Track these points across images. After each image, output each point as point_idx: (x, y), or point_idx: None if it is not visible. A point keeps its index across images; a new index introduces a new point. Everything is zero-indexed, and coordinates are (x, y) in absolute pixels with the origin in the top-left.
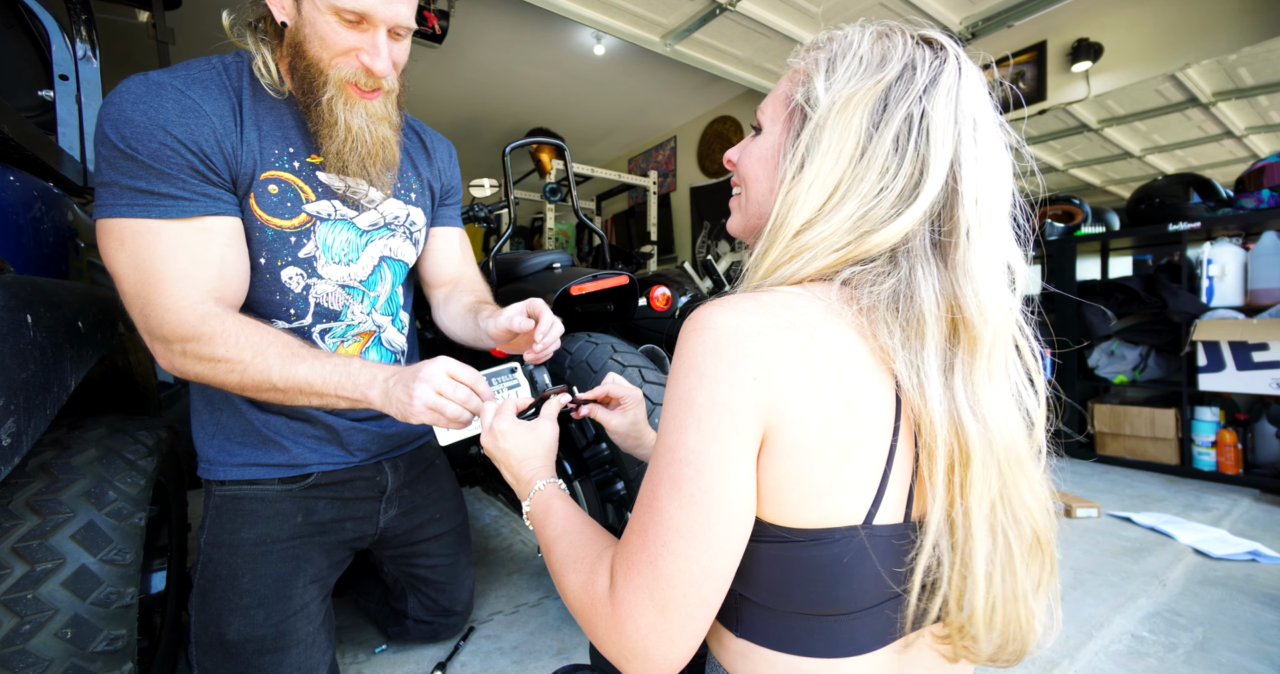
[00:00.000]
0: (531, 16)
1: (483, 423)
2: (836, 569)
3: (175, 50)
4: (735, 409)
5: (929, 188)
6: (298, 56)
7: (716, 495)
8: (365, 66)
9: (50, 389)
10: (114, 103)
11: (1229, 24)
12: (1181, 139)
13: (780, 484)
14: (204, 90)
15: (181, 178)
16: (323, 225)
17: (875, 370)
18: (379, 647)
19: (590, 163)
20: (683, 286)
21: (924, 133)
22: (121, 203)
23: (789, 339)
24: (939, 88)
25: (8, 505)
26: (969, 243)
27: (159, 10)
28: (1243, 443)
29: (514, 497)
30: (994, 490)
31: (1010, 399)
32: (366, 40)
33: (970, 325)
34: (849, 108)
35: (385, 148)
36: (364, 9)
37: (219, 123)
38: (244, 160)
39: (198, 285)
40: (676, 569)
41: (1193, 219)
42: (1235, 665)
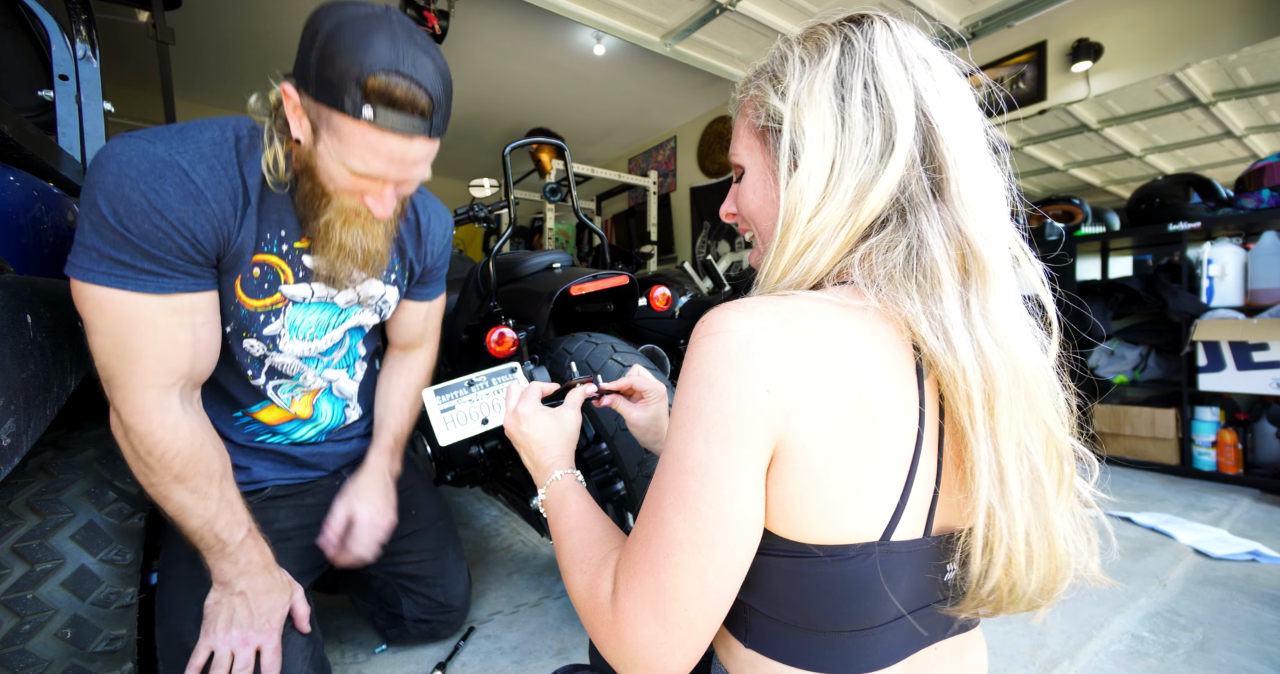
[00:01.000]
0: (531, 16)
1: (507, 405)
2: (851, 587)
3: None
4: (746, 422)
5: (903, 132)
6: (305, 174)
7: (722, 510)
8: (368, 207)
9: (50, 389)
10: (111, 173)
11: (1229, 24)
12: (1181, 139)
13: (793, 500)
14: (209, 171)
15: (168, 258)
16: (295, 307)
17: (899, 378)
18: (379, 647)
19: (590, 163)
20: (683, 286)
21: (882, 87)
22: (100, 270)
23: (807, 347)
24: (878, 46)
25: (8, 505)
26: (959, 171)
27: (159, 10)
28: (1243, 443)
29: (514, 496)
30: (1021, 416)
31: (1024, 322)
32: (374, 189)
33: (978, 256)
34: (813, 96)
35: (376, 258)
36: (375, 174)
37: (218, 209)
38: (237, 244)
39: (169, 369)
40: (679, 583)
41: (1193, 219)
42: (1235, 665)
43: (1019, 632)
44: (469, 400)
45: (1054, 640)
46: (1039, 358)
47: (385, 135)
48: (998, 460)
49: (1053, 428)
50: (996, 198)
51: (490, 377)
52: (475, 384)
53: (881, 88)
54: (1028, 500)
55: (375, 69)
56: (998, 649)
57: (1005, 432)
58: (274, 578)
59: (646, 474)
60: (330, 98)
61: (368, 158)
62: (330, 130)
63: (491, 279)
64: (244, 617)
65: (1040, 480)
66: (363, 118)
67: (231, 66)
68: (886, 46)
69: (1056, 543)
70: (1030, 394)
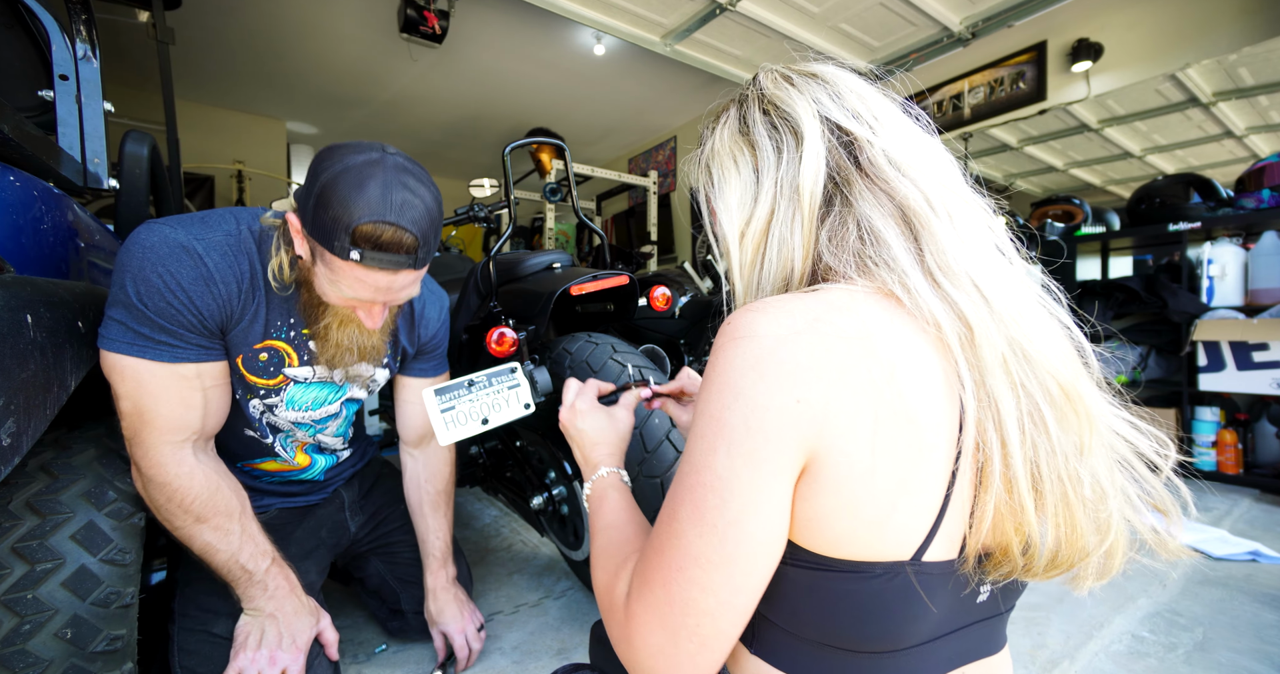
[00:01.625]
0: (531, 16)
1: (565, 399)
2: (873, 606)
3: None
4: (774, 435)
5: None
6: (306, 285)
7: (743, 528)
8: (360, 319)
9: (50, 389)
10: (136, 257)
11: (1229, 24)
12: (1181, 139)
13: (825, 515)
14: (222, 257)
15: (180, 332)
16: (296, 386)
17: (941, 380)
18: (379, 647)
19: (590, 163)
20: (683, 286)
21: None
22: (123, 341)
23: (842, 351)
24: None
25: (8, 505)
26: (874, 144)
27: (159, 10)
28: (1243, 443)
29: (514, 496)
30: (1001, 347)
31: (993, 254)
32: (365, 307)
33: (909, 208)
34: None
35: (374, 352)
36: (366, 300)
37: (225, 291)
38: (244, 328)
39: (181, 426)
40: (690, 598)
41: (1193, 219)
42: (1235, 665)
43: (1019, 632)
44: (469, 400)
45: (1054, 640)
46: (1013, 287)
47: (371, 271)
48: (990, 399)
49: (1048, 366)
50: (921, 157)
51: (490, 377)
52: (475, 384)
53: (779, 107)
54: (1028, 438)
55: (364, 219)
56: None
57: (990, 365)
58: (301, 602)
59: (648, 474)
60: (323, 239)
61: (356, 288)
62: (323, 260)
63: (491, 279)
64: (273, 636)
65: (1043, 419)
66: (350, 259)
67: (231, 66)
68: (773, 81)
69: (1067, 486)
70: (1009, 329)
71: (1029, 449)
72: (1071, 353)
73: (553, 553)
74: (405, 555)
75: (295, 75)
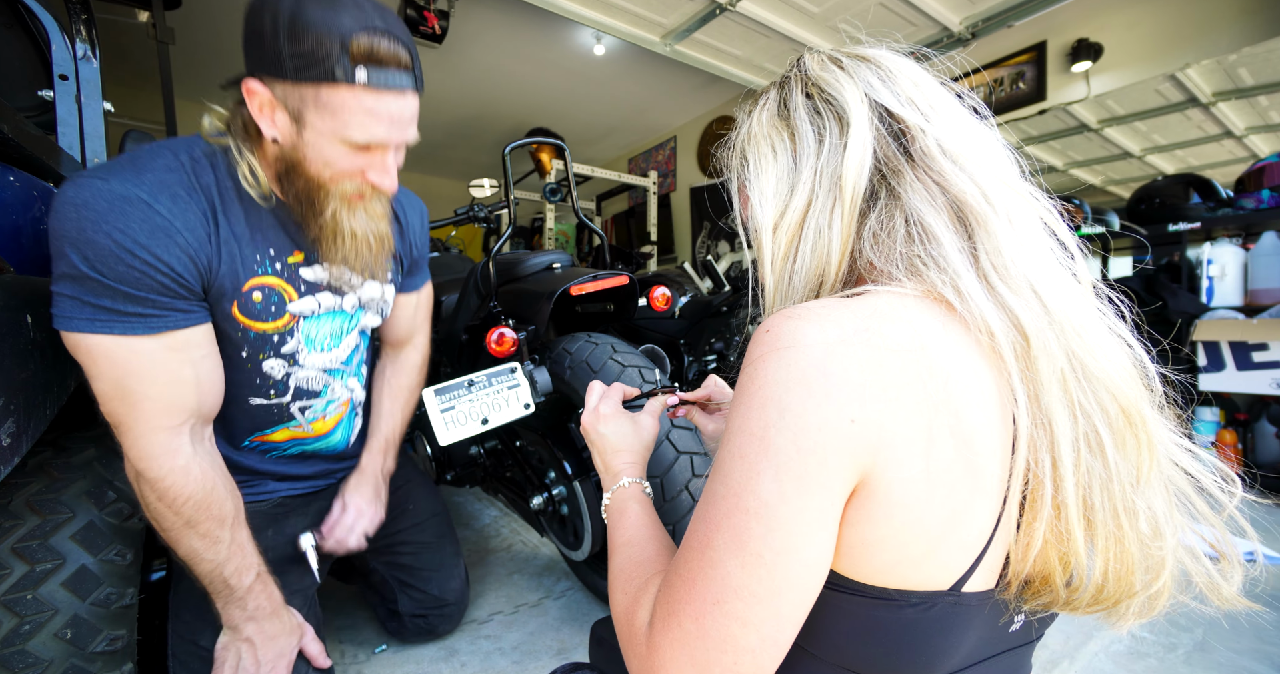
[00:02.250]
0: (531, 16)
1: (588, 402)
2: (906, 635)
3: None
4: (826, 458)
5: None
6: (293, 171)
7: (791, 559)
8: (373, 183)
9: (50, 389)
10: (71, 219)
11: (1229, 24)
12: (1181, 139)
13: (868, 544)
14: (173, 200)
15: (150, 297)
16: (307, 322)
17: (994, 396)
18: (379, 647)
19: (590, 163)
20: (683, 286)
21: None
22: (84, 317)
23: (895, 366)
24: (809, 67)
25: (8, 505)
26: (927, 133)
27: (159, 10)
28: (1243, 443)
29: (514, 496)
30: (1060, 362)
31: (1055, 266)
32: (375, 161)
33: (965, 204)
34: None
35: (386, 243)
36: (378, 140)
37: (191, 238)
38: (223, 273)
39: (175, 409)
40: (730, 634)
41: (1193, 219)
42: (1235, 665)
43: None
44: (469, 400)
45: (1054, 640)
46: (1076, 302)
47: (382, 95)
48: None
49: (1110, 383)
50: (978, 149)
51: (490, 377)
52: (475, 384)
53: (824, 90)
54: (1083, 463)
55: (355, 30)
56: None
57: (1047, 381)
58: (282, 622)
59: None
60: (316, 72)
61: (368, 124)
62: (320, 108)
63: (491, 279)
64: (249, 664)
65: (1101, 442)
66: (357, 82)
67: (231, 66)
68: (819, 63)
69: (1122, 518)
70: (1069, 342)
71: (1083, 474)
72: (1134, 372)
73: (553, 553)
74: (405, 558)
75: None
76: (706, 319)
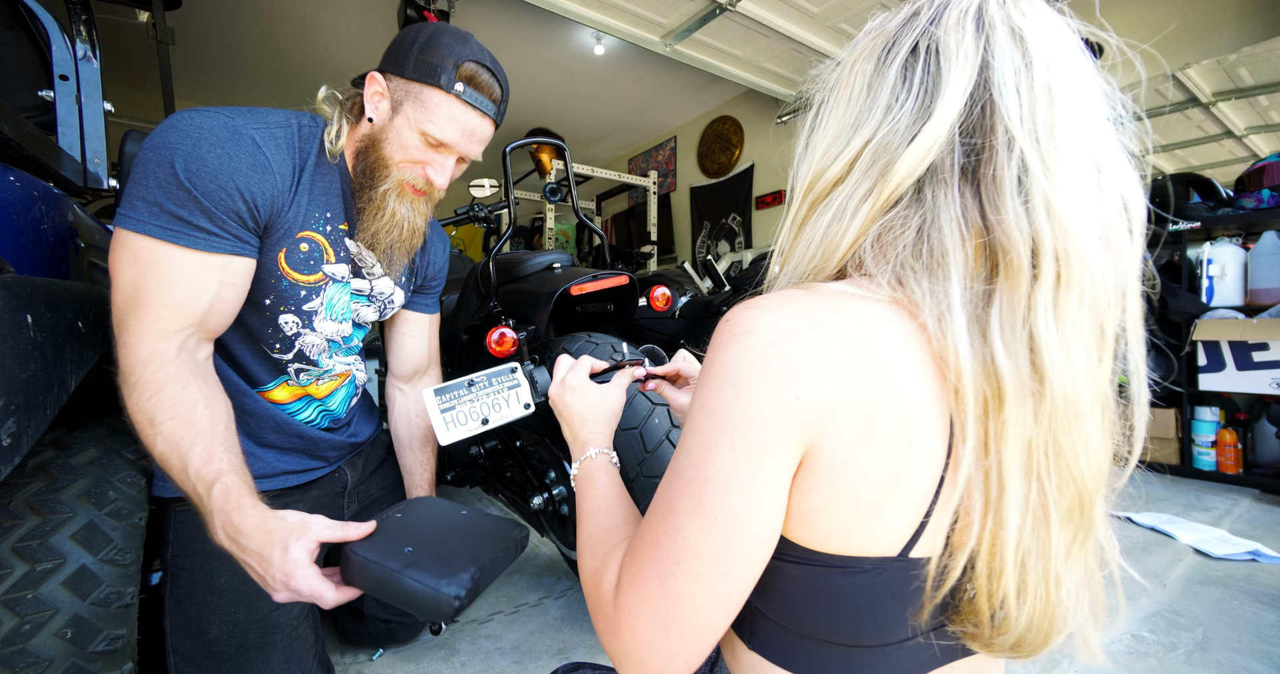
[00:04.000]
0: (531, 16)
1: (555, 374)
2: (862, 600)
3: (175, 50)
4: (774, 430)
5: (946, 104)
6: (371, 148)
7: (744, 521)
8: (428, 178)
9: (50, 389)
10: (190, 137)
11: (1229, 24)
12: (1181, 139)
13: (816, 509)
14: (277, 148)
15: (224, 220)
16: (334, 286)
17: (932, 383)
18: (376, 653)
19: (590, 163)
20: (683, 286)
21: (934, 53)
22: (156, 223)
23: (839, 349)
24: (951, 11)
25: (8, 505)
26: (1011, 155)
27: (159, 10)
28: (1243, 443)
29: (514, 496)
30: (1029, 435)
31: (1082, 341)
32: (438, 160)
33: (1006, 250)
34: (855, 64)
35: (415, 236)
36: (449, 141)
37: (280, 181)
38: (288, 218)
39: (182, 313)
40: (688, 590)
41: (1193, 219)
42: (1235, 665)
43: None
44: (469, 400)
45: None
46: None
47: (467, 109)
48: (997, 472)
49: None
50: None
51: (490, 377)
52: (475, 384)
53: (936, 51)
54: (1029, 528)
55: (469, 59)
56: None
57: (1011, 444)
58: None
59: (648, 474)
60: (427, 75)
61: (446, 125)
62: (416, 102)
63: (491, 279)
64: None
65: (1048, 515)
66: (453, 92)
67: (231, 66)
68: (965, 11)
69: (1049, 584)
70: (1056, 422)
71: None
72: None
73: (553, 553)
74: None
75: (295, 75)
76: (706, 319)
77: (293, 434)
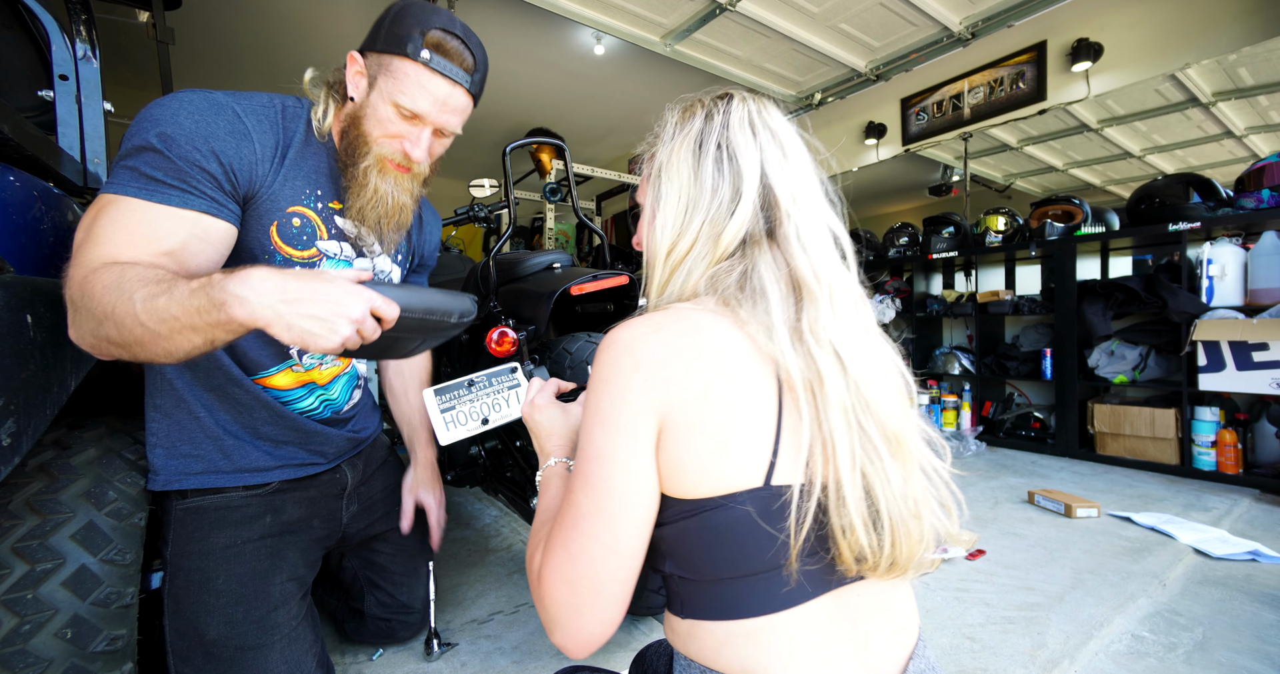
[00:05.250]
0: (531, 16)
1: (527, 395)
2: (747, 528)
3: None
4: (632, 409)
5: (748, 189)
6: (352, 126)
7: (614, 483)
8: (405, 152)
9: (50, 389)
10: (168, 107)
11: (1229, 24)
12: (1181, 139)
13: (679, 461)
14: (258, 122)
15: (198, 179)
16: (328, 262)
17: (756, 356)
18: (376, 652)
19: (590, 163)
20: None
21: (732, 152)
22: (133, 186)
23: (675, 341)
24: (733, 118)
25: (8, 505)
26: (791, 221)
27: (159, 10)
28: (1243, 443)
29: (514, 496)
30: (844, 400)
31: (864, 333)
32: (413, 133)
33: (803, 282)
34: (676, 155)
35: (401, 212)
36: (420, 111)
37: (261, 151)
38: (273, 190)
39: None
40: (584, 549)
41: (1193, 219)
42: (1235, 665)
43: (1019, 632)
44: (469, 400)
45: (1054, 640)
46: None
47: (435, 76)
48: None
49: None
50: (822, 242)
51: (490, 377)
52: (475, 384)
53: (732, 151)
54: (869, 465)
55: (435, 26)
56: (997, 649)
57: (835, 412)
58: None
59: None
60: (395, 46)
61: (416, 95)
62: (388, 74)
63: (491, 279)
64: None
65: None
66: (419, 59)
67: (231, 66)
68: (740, 120)
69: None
70: (862, 391)
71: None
72: (904, 406)
73: None
74: (381, 559)
75: (295, 75)
76: None
77: (288, 426)
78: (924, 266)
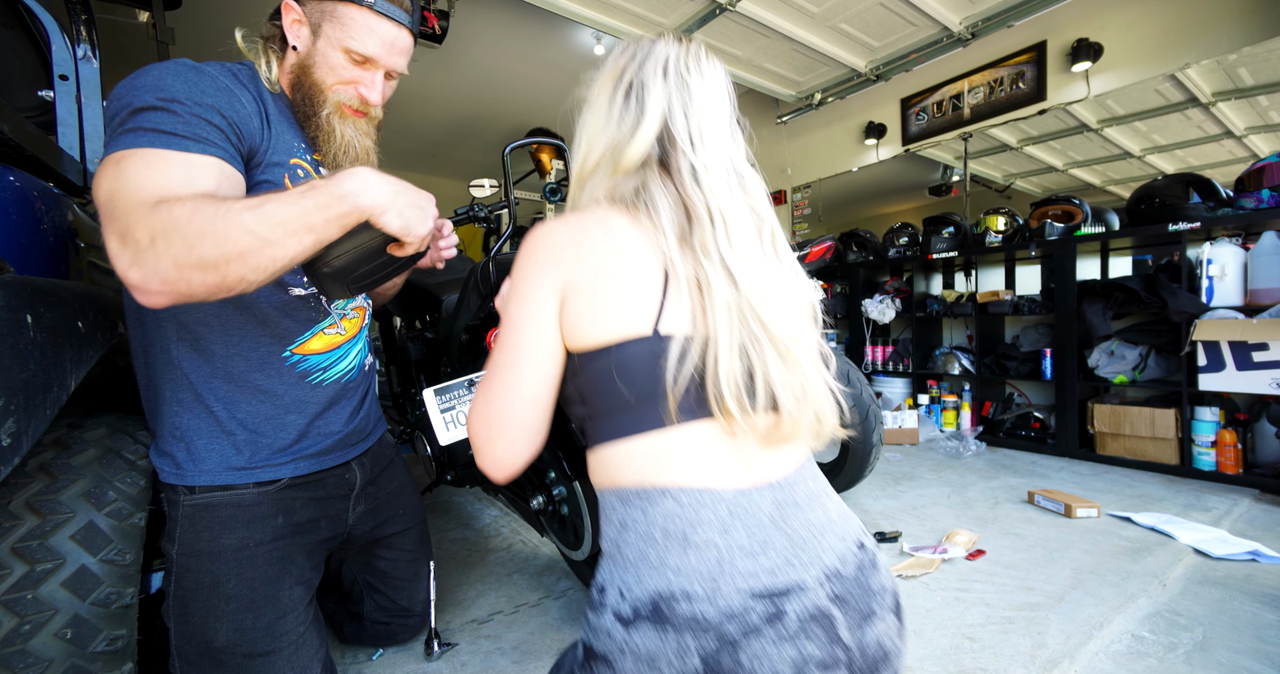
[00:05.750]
0: (531, 16)
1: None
2: (638, 363)
3: (175, 50)
4: (538, 283)
5: (647, 126)
6: (303, 75)
7: (521, 340)
8: (361, 96)
9: (50, 389)
10: (151, 74)
11: (1229, 24)
12: (1181, 139)
13: (579, 317)
14: (233, 82)
15: (209, 131)
16: None
17: (649, 247)
18: (376, 653)
19: None
20: None
21: (641, 91)
22: (145, 139)
23: (578, 227)
24: (650, 60)
25: (8, 505)
26: (684, 158)
27: (159, 10)
28: (1243, 443)
29: (514, 496)
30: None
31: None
32: (367, 77)
33: (692, 210)
34: (597, 85)
35: (369, 156)
36: (372, 54)
37: (248, 106)
38: (275, 146)
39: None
40: (496, 393)
41: (1193, 219)
42: (1235, 665)
43: (1019, 632)
44: (469, 400)
45: (1054, 640)
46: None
47: (381, 19)
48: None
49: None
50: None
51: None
52: (475, 384)
53: (643, 90)
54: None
55: None
56: (997, 649)
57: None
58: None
59: None
60: None
61: (367, 39)
62: (333, 21)
63: (491, 279)
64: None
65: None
66: (364, 3)
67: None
68: (656, 62)
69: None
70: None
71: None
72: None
73: (553, 553)
74: (382, 563)
75: None
76: None
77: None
78: (924, 266)
